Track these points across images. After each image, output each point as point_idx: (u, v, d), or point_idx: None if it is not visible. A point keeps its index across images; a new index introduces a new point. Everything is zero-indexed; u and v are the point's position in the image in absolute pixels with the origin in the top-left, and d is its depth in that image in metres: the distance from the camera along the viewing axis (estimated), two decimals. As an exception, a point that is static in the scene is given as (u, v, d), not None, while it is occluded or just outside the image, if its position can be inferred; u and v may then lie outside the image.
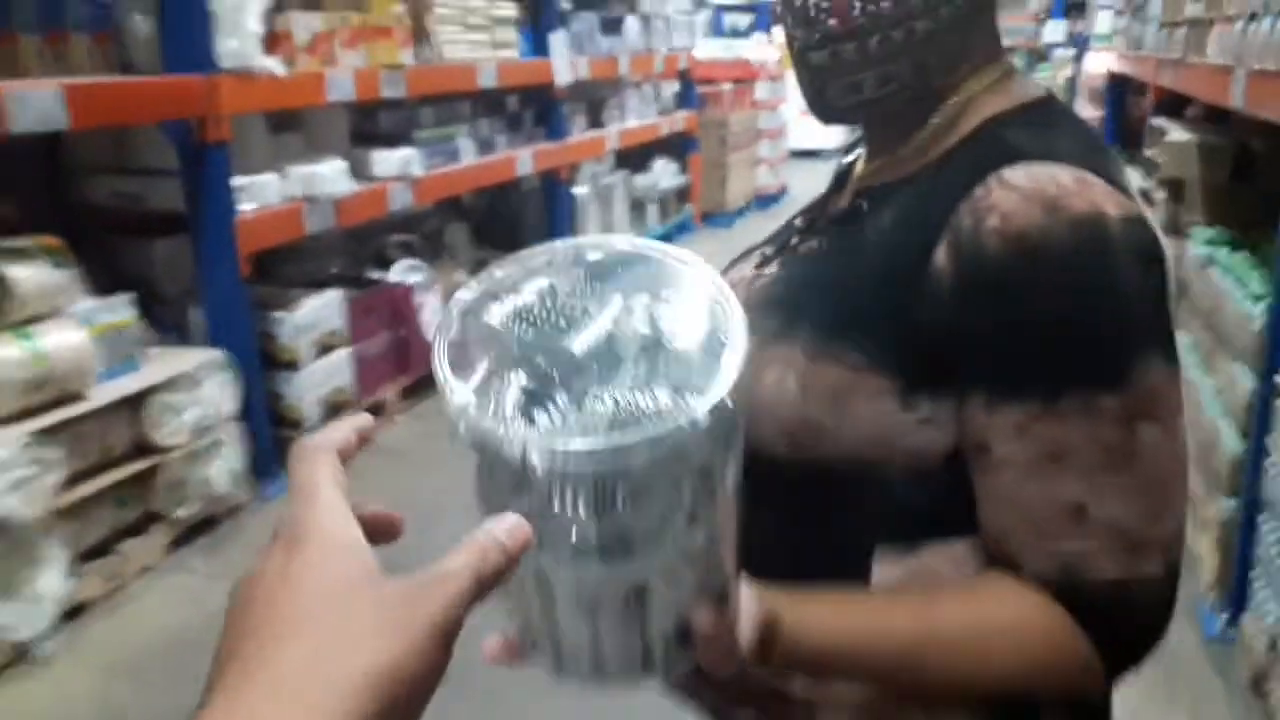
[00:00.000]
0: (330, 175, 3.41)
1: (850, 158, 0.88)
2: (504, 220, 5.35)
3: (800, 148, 9.99)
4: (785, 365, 0.72)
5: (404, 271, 4.00)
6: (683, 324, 0.53)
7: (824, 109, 0.79)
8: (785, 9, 0.77)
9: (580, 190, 5.60)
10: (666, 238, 6.89)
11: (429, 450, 3.75)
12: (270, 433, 3.35)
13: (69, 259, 2.65)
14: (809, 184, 9.17)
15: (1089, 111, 6.85)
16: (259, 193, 3.19)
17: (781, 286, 0.79)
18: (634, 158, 6.38)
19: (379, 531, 0.48)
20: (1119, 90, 6.15)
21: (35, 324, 2.57)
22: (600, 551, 0.50)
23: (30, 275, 2.54)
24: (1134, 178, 4.88)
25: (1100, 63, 6.54)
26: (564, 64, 5.03)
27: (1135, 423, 0.65)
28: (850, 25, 0.72)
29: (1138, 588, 0.66)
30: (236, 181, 3.10)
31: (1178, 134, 3.75)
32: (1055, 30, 10.60)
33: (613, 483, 0.49)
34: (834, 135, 11.26)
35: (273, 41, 3.17)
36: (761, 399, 0.73)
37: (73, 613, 2.59)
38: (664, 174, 6.72)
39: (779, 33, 9.13)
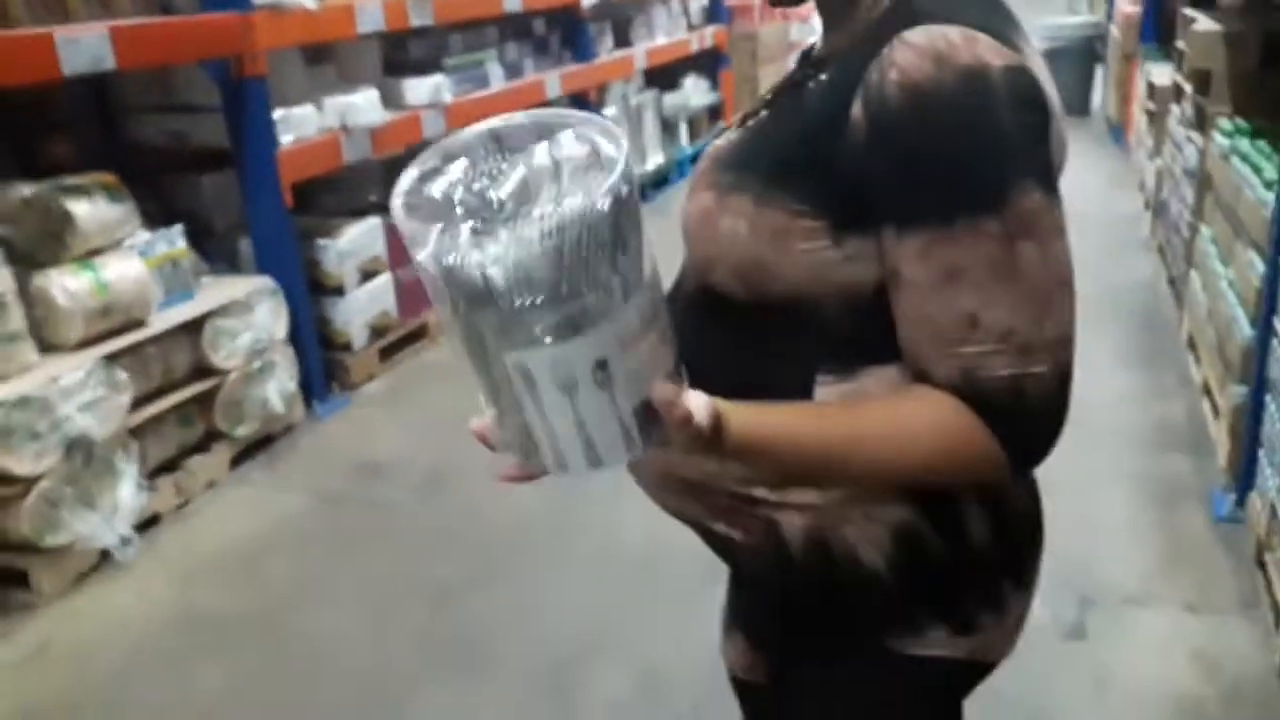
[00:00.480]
0: (364, 105, 3.52)
1: (812, 41, 0.99)
2: (536, 144, 5.42)
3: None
4: (736, 214, 0.84)
5: (440, 197, 4.11)
6: (576, 152, 0.68)
7: None
8: None
9: (609, 111, 5.64)
10: (699, 157, 6.91)
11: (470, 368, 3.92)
12: (319, 355, 3.52)
13: (125, 194, 2.81)
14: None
15: (1128, 7, 6.72)
16: (297, 125, 3.31)
17: (736, 148, 0.91)
18: (664, 76, 6.38)
19: None
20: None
21: (97, 256, 2.73)
22: (559, 330, 0.64)
23: (90, 210, 2.69)
24: (1164, 71, 4.82)
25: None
26: (589, -17, 5.05)
27: (1016, 241, 0.75)
28: None
29: (1029, 384, 0.77)
30: (275, 115, 3.22)
31: (1205, 23, 3.71)
32: (1097, -76, 10.27)
33: (554, 274, 0.63)
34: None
35: (302, -25, 3.26)
36: (717, 242, 0.86)
37: (146, 524, 2.80)
38: (695, 91, 6.71)
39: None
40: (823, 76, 0.85)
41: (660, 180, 6.26)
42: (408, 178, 0.70)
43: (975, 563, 0.90)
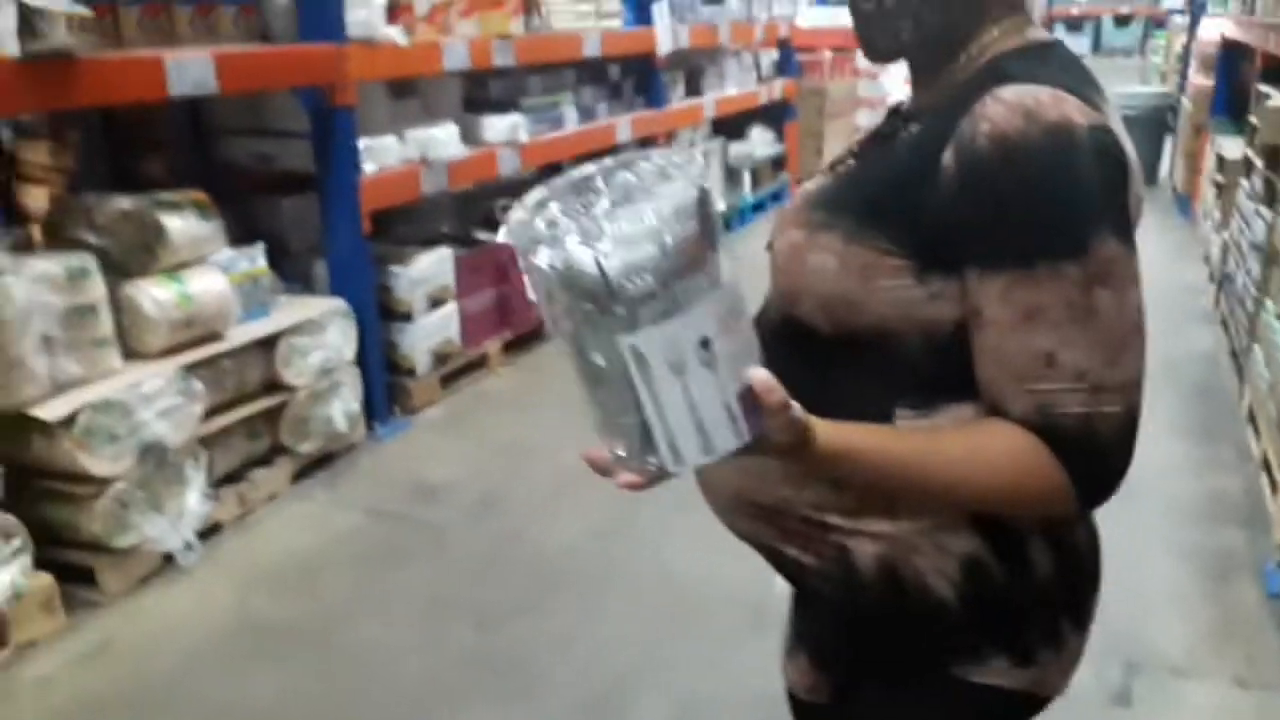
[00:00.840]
0: (445, 139, 3.64)
1: (902, 96, 1.06)
2: (604, 186, 5.53)
3: (900, 117, 9.93)
4: (826, 250, 0.91)
5: (509, 232, 4.22)
6: (655, 170, 0.77)
7: (870, 49, 0.97)
8: None
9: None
10: (760, 206, 7.00)
11: (526, 398, 3.99)
12: (384, 378, 3.61)
13: (213, 212, 2.93)
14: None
15: (1201, 80, 6.71)
16: (380, 155, 3.43)
17: (828, 190, 0.98)
18: (731, 125, 6.48)
19: None
20: (1230, 57, 6.02)
21: (183, 269, 2.85)
22: (666, 312, 0.73)
23: (181, 225, 2.82)
24: (1234, 145, 4.81)
25: (1214, 29, 6.39)
26: (666, 33, 5.17)
27: (1093, 286, 0.81)
28: None
29: (1100, 422, 0.82)
30: (360, 144, 3.34)
31: (1279, 100, 3.72)
32: (1174, -2, 10.27)
33: (657, 259, 0.72)
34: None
35: (394, 12, 3.40)
36: (805, 276, 0.93)
37: (208, 531, 2.89)
38: (760, 142, 6.81)
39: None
40: (914, 128, 0.92)
41: (723, 226, 6.33)
42: (519, 210, 0.79)
43: (1038, 597, 0.94)
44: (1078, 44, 19.57)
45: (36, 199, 3.50)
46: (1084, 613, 0.99)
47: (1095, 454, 0.83)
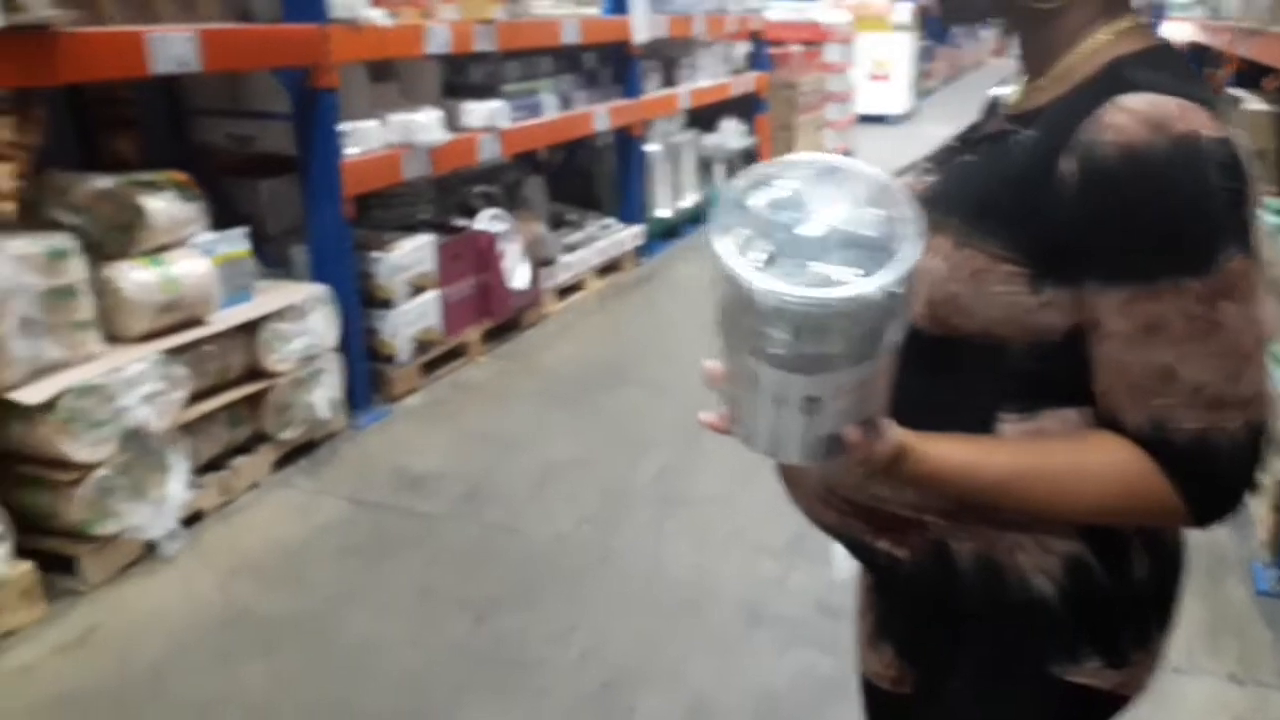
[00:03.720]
0: (427, 124, 3.59)
1: (997, 92, 1.05)
2: (577, 174, 5.51)
3: (867, 113, 10.01)
4: (935, 251, 0.88)
5: (489, 220, 4.18)
6: (875, 224, 0.74)
7: (946, 8, 0.97)
8: None
9: (651, 147, 5.72)
10: (732, 197, 6.98)
11: (507, 388, 3.96)
12: (365, 366, 3.56)
13: (195, 193, 2.86)
14: (876, 147, 9.20)
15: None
16: (362, 138, 3.37)
17: (939, 188, 0.95)
18: (703, 117, 6.47)
19: None
20: (1197, 60, 6.12)
21: (164, 252, 2.78)
22: (794, 365, 0.73)
23: (162, 206, 2.74)
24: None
25: (1179, 32, 6.50)
26: (643, 22, 5.15)
27: (1217, 301, 0.79)
28: None
29: (1218, 439, 0.81)
30: (342, 127, 3.28)
31: (1253, 104, 3.79)
32: (1132, -1, 10.44)
33: (806, 321, 0.70)
34: (901, 102, 11.26)
35: (378, -6, 3.35)
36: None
37: (190, 520, 2.82)
38: (732, 134, 6.80)
39: (849, -3, 8.93)
40: (1028, 131, 0.89)
41: (694, 218, 6.33)
42: (742, 181, 0.78)
43: (1134, 598, 0.94)
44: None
45: (2, 176, 3.40)
46: (1170, 614, 0.99)
47: (1209, 471, 0.81)
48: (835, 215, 0.74)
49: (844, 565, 1.36)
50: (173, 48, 2.60)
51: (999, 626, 0.95)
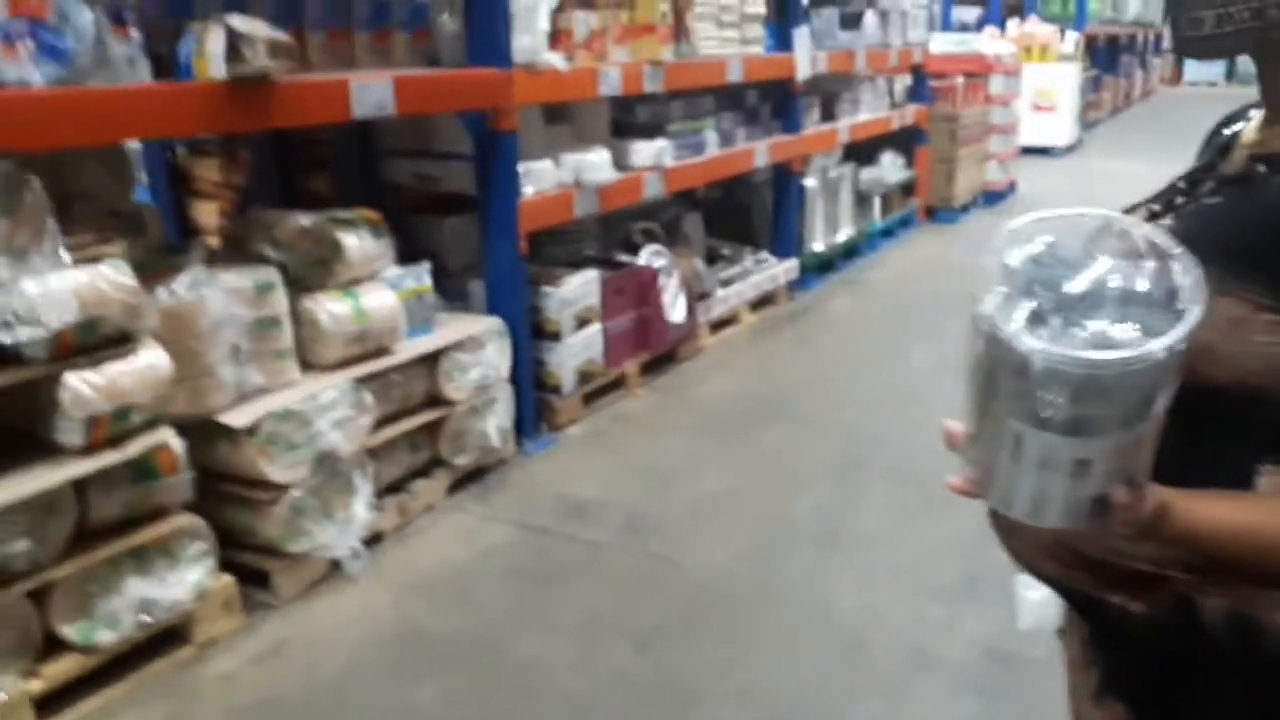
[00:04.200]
0: (597, 164, 3.70)
1: (1230, 129, 1.02)
2: (735, 210, 5.55)
3: (1032, 144, 9.75)
4: None
5: (651, 256, 4.27)
6: (1146, 277, 0.73)
7: (1176, 40, 0.94)
8: None
9: (809, 182, 5.73)
10: (889, 232, 6.92)
11: (664, 420, 4.01)
12: (533, 396, 3.68)
13: (385, 230, 3.03)
14: (1040, 180, 8.92)
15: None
16: (538, 178, 3.51)
17: (1183, 233, 0.93)
18: (861, 150, 6.44)
19: None
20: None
21: (356, 285, 2.95)
22: (1066, 428, 0.71)
23: (356, 243, 2.92)
24: None
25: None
26: (806, 59, 5.17)
27: None
28: None
29: None
30: (519, 167, 3.42)
31: None
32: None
33: (1087, 384, 0.69)
34: (1065, 133, 10.92)
35: (554, 38, 3.48)
36: None
37: (370, 540, 2.97)
38: (890, 167, 6.74)
39: (1012, 26, 8.84)
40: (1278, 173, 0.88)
41: (850, 251, 6.29)
42: (995, 242, 0.77)
43: None
44: (1211, 72, 18.88)
45: (208, 214, 3.68)
46: None
47: None
48: (1101, 269, 0.73)
49: (1031, 614, 1.33)
50: (372, 94, 2.77)
51: (1251, 683, 0.92)
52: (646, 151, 4.08)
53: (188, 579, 2.45)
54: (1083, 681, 1.14)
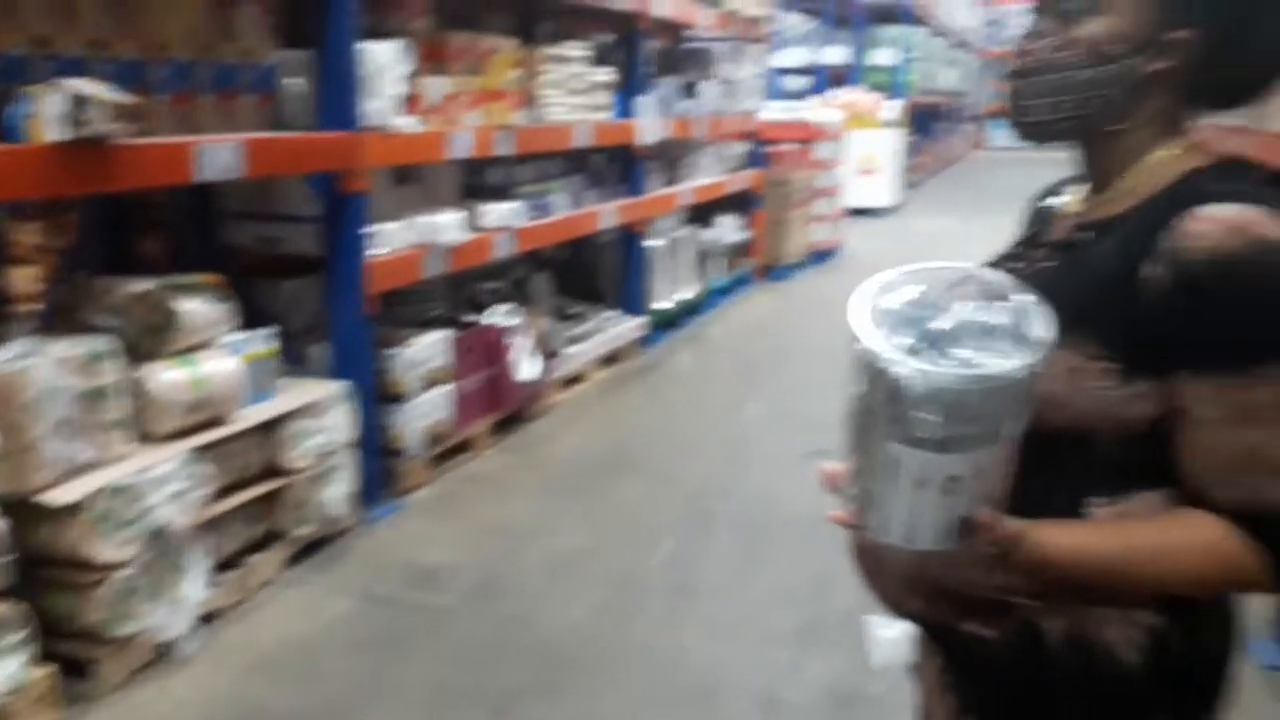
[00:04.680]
0: (448, 225, 3.70)
1: (1047, 203, 1.17)
2: (582, 270, 5.63)
3: (858, 205, 10.26)
4: None
5: (501, 315, 4.27)
6: (1002, 313, 0.84)
7: (1015, 125, 1.07)
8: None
9: (653, 243, 5.87)
10: (728, 290, 7.14)
11: (515, 479, 4.00)
12: (378, 461, 3.60)
13: (226, 295, 2.93)
14: (865, 240, 9.36)
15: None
16: (387, 239, 3.47)
17: None
18: (701, 212, 6.65)
19: None
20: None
21: (195, 352, 2.84)
22: (939, 446, 0.81)
23: (195, 308, 2.81)
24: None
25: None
26: (650, 125, 5.32)
27: None
28: (1028, 63, 1.03)
29: None
30: (369, 229, 3.38)
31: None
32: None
33: (958, 401, 0.79)
34: (888, 195, 11.54)
35: (408, 102, 3.47)
36: None
37: (207, 619, 2.83)
38: (729, 229, 6.98)
39: (836, 95, 9.39)
40: (1105, 240, 1.00)
41: (693, 309, 6.46)
42: (867, 289, 0.87)
43: (1207, 665, 1.02)
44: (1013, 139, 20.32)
45: (25, 280, 3.46)
46: (1229, 681, 1.06)
47: None
48: (965, 310, 0.84)
49: (884, 651, 1.43)
50: (219, 156, 2.70)
51: (1087, 698, 1.01)
52: (497, 213, 4.10)
53: (3, 672, 2.28)
54: (939, 706, 1.22)
